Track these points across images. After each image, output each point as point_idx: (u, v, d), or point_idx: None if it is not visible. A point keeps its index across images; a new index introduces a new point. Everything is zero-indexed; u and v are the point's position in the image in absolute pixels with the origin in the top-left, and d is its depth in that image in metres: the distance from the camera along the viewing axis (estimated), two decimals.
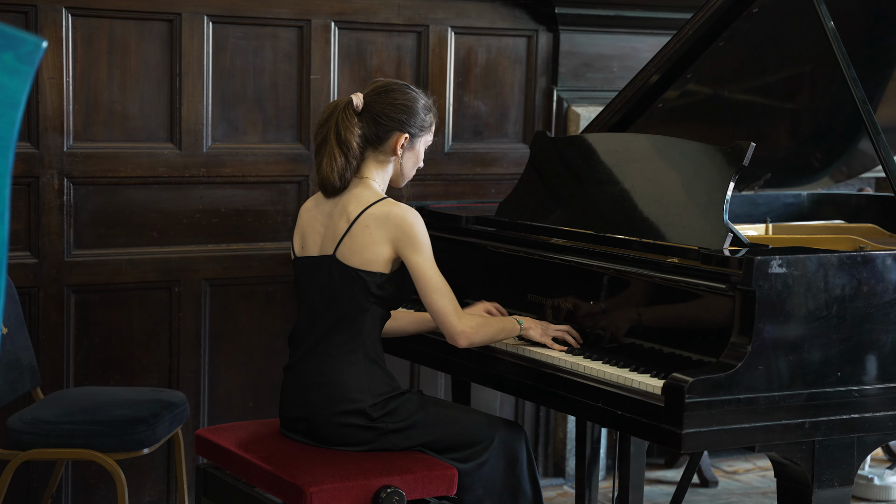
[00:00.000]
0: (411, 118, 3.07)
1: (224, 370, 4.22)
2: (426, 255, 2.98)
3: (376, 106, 3.06)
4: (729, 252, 2.83)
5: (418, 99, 3.10)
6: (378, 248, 2.97)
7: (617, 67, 4.74)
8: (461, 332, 2.99)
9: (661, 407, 2.65)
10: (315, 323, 3.05)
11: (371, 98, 3.07)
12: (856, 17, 3.59)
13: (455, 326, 2.99)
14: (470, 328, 3.00)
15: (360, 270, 2.98)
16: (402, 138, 3.07)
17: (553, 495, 4.62)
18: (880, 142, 3.12)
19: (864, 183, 5.22)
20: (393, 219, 2.97)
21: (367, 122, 3.05)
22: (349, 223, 3.00)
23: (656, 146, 3.26)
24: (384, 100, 3.06)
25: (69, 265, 3.95)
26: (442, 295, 2.98)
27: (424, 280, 2.97)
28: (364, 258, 2.98)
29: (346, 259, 3.00)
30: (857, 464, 2.83)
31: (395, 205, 3.00)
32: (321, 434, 3.01)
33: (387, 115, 3.05)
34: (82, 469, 4.01)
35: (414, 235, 2.96)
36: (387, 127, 3.05)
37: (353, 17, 4.29)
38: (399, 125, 3.06)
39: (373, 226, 2.98)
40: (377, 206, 3.00)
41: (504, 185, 4.55)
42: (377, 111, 3.05)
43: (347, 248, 3.00)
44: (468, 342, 3.01)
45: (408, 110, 3.07)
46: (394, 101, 3.06)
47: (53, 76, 3.87)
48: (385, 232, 2.97)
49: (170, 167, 4.07)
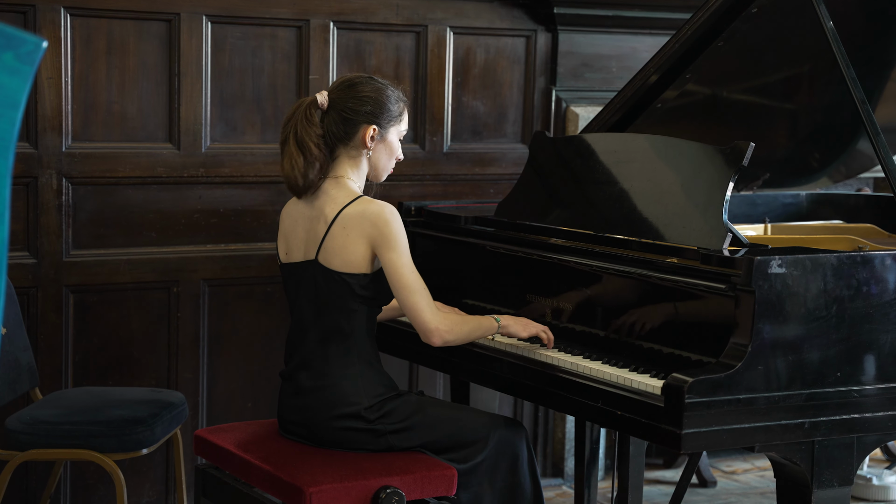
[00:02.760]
0: (377, 108, 3.03)
1: (223, 370, 4.21)
2: (401, 251, 2.94)
3: (341, 101, 3.03)
4: (728, 252, 2.83)
5: (383, 89, 3.06)
6: (357, 248, 2.95)
7: (616, 67, 4.74)
8: (434, 329, 2.95)
9: (660, 407, 2.65)
10: (307, 329, 3.04)
11: (336, 95, 3.04)
12: (855, 17, 3.59)
13: (429, 324, 2.95)
14: (444, 326, 2.96)
15: (342, 273, 2.96)
16: (370, 130, 3.02)
17: (552, 495, 4.62)
18: (879, 142, 3.12)
19: (863, 183, 5.22)
20: (368, 216, 2.94)
21: (334, 119, 3.02)
22: (327, 225, 2.97)
23: (655, 146, 3.26)
24: (348, 94, 3.03)
25: (68, 265, 3.95)
26: (415, 292, 2.94)
27: (398, 276, 2.93)
28: (344, 260, 2.96)
29: (327, 263, 2.97)
30: (857, 464, 2.83)
31: (370, 202, 2.97)
32: (320, 438, 3.01)
33: (352, 109, 3.02)
34: (81, 469, 4.01)
35: (389, 232, 2.93)
36: (353, 121, 3.02)
37: (351, 17, 4.29)
38: (366, 117, 3.02)
39: (349, 226, 2.95)
40: (353, 205, 2.97)
41: (503, 185, 4.55)
42: (342, 106, 3.02)
43: (328, 252, 2.97)
44: (442, 341, 2.97)
45: (373, 101, 3.03)
46: (358, 94, 3.03)
47: (52, 76, 3.87)
48: (361, 230, 2.94)
49: (168, 167, 4.06)
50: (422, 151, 4.46)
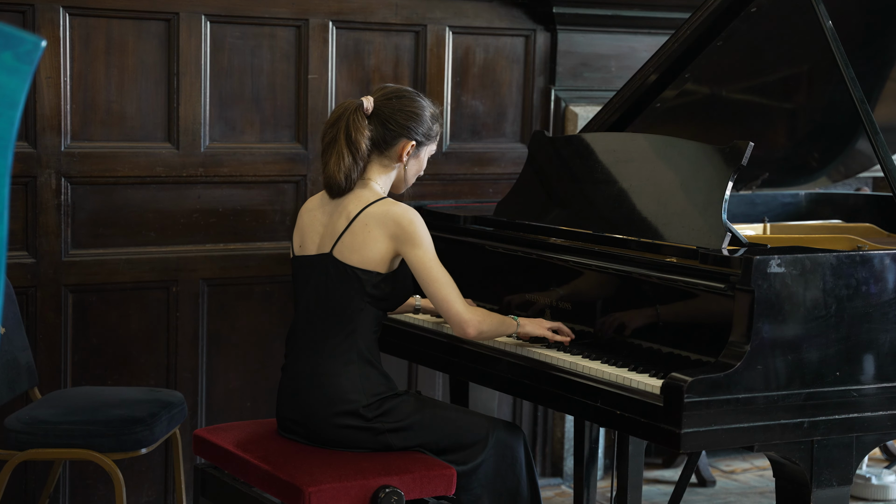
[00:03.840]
0: (419, 126, 3.08)
1: (222, 370, 4.21)
2: (427, 248, 2.97)
3: (386, 111, 3.06)
4: (728, 252, 2.83)
5: (427, 108, 3.11)
6: (377, 246, 2.97)
7: (615, 67, 4.74)
8: (469, 319, 2.98)
9: (659, 406, 2.65)
10: (310, 322, 3.05)
11: (381, 102, 3.07)
12: (854, 16, 3.59)
13: (463, 314, 2.98)
14: (477, 317, 3.00)
15: (356, 269, 2.98)
16: (408, 145, 3.07)
17: (551, 495, 4.62)
18: (879, 142, 3.12)
19: (862, 182, 5.22)
20: (392, 216, 2.97)
21: (376, 125, 3.06)
22: (349, 221, 3.00)
23: (654, 146, 3.26)
24: (394, 105, 3.07)
25: (67, 265, 3.95)
26: (445, 285, 2.98)
27: (426, 271, 2.97)
28: (362, 256, 2.98)
29: (343, 257, 3.00)
30: (856, 463, 2.83)
31: (394, 204, 3.01)
32: (318, 436, 3.01)
33: (395, 121, 3.05)
34: (80, 469, 4.00)
35: (413, 231, 2.96)
36: (395, 133, 3.06)
37: (350, 17, 4.28)
38: (407, 132, 3.06)
39: (372, 224, 2.98)
40: (376, 204, 3.00)
41: (502, 184, 4.55)
42: (386, 116, 3.05)
43: (346, 247, 3.00)
44: (477, 331, 3.00)
45: (416, 118, 3.07)
46: (403, 108, 3.07)
47: (51, 76, 3.87)
48: (384, 229, 2.97)
49: (167, 167, 4.06)
50: None
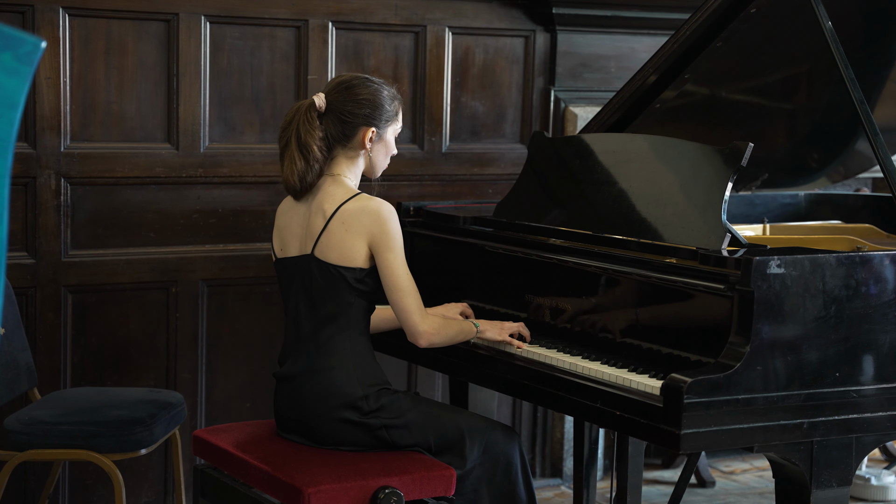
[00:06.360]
0: (376, 111, 3.06)
1: (221, 371, 4.21)
2: (397, 252, 2.99)
3: (339, 104, 3.05)
4: (727, 252, 2.83)
5: (380, 90, 3.09)
6: (355, 244, 2.98)
7: (614, 68, 4.74)
8: (423, 332, 3.01)
9: (659, 407, 2.65)
10: (301, 322, 3.06)
11: (333, 97, 3.06)
12: (854, 17, 3.59)
13: (418, 326, 3.01)
14: (431, 329, 3.03)
15: (339, 267, 2.99)
16: (369, 132, 3.06)
17: (550, 495, 4.62)
18: (878, 142, 3.12)
19: (861, 183, 5.22)
20: (368, 213, 2.98)
21: (332, 121, 3.05)
22: (325, 220, 3.01)
23: (654, 146, 3.26)
24: (346, 97, 3.05)
25: (66, 265, 3.95)
26: (408, 294, 3.00)
27: (393, 278, 2.99)
28: (342, 254, 2.99)
29: (324, 256, 3.00)
30: (856, 464, 2.83)
31: (369, 199, 3.01)
32: (316, 433, 3.01)
33: (351, 112, 3.04)
34: (79, 470, 4.00)
35: (388, 232, 2.97)
36: (352, 123, 3.05)
37: (350, 18, 4.28)
38: (364, 120, 3.05)
39: (349, 221, 2.98)
40: (352, 201, 3.00)
41: (501, 185, 4.55)
42: (340, 109, 3.05)
43: (325, 246, 3.00)
44: (428, 342, 3.04)
45: (371, 104, 3.06)
46: (356, 97, 3.05)
47: (50, 76, 3.87)
48: (361, 227, 2.98)
49: (167, 167, 4.06)
50: (420, 152, 4.46)
